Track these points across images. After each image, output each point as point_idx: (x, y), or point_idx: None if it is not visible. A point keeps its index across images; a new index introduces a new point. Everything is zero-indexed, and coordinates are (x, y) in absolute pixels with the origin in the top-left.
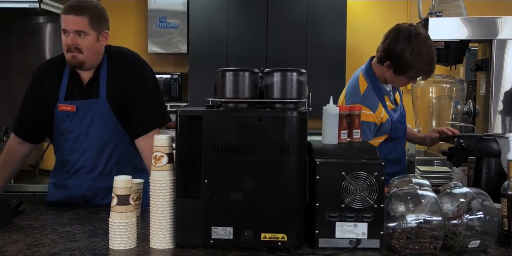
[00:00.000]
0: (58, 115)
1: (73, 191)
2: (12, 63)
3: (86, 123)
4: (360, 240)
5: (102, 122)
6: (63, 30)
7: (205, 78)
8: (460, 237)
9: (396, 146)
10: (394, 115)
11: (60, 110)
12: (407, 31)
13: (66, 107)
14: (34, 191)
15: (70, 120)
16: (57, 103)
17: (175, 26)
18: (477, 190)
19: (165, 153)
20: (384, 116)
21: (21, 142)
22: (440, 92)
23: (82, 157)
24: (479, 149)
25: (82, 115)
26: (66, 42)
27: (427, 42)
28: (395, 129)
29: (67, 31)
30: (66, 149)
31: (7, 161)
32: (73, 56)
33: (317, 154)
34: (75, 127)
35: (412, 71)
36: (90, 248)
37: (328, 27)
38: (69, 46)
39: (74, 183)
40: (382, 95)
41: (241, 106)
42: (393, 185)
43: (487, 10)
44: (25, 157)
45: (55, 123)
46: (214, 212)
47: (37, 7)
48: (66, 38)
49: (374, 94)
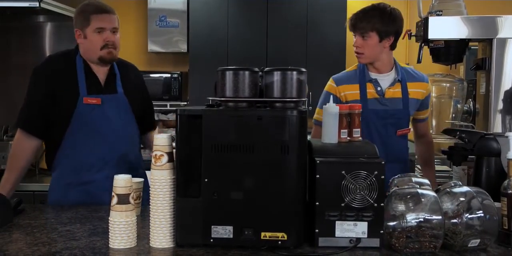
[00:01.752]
0: (83, 108)
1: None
2: (11, 62)
3: (111, 117)
4: (360, 239)
5: (125, 116)
6: (98, 29)
7: (205, 77)
8: (460, 236)
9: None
10: (371, 104)
11: (85, 103)
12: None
13: (92, 100)
14: (34, 190)
15: (96, 113)
16: (80, 96)
17: (175, 25)
18: (477, 189)
19: (165, 152)
20: (352, 95)
21: (28, 136)
22: (440, 91)
23: (109, 149)
24: (479, 148)
25: (107, 108)
26: (105, 39)
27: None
28: (365, 117)
29: (104, 29)
30: (90, 143)
31: (16, 156)
32: (110, 52)
33: (317, 153)
34: (100, 120)
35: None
36: (90, 247)
37: (328, 27)
38: (107, 43)
39: (103, 176)
40: (364, 80)
41: (241, 105)
42: (393, 184)
43: (487, 9)
44: (34, 152)
45: (75, 117)
46: (214, 211)
47: (37, 6)
48: (102, 36)
49: (355, 76)
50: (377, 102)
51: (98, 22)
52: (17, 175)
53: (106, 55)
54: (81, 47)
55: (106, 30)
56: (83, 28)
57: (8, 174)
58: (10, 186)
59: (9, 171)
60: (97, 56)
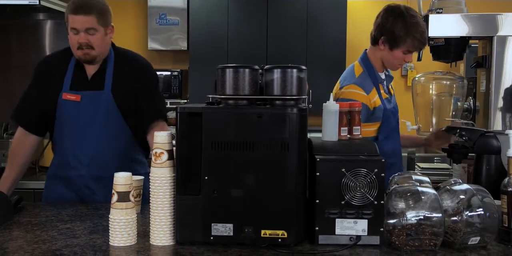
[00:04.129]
0: (62, 104)
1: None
2: (12, 60)
3: (89, 114)
4: (360, 236)
5: (106, 114)
6: (72, 29)
7: (205, 75)
8: (460, 233)
9: (387, 137)
10: (387, 105)
11: (64, 99)
12: (396, 6)
13: (71, 96)
14: (34, 188)
15: (75, 110)
16: (61, 92)
17: (175, 23)
18: (477, 187)
19: (165, 149)
20: (377, 101)
21: (27, 134)
22: (440, 89)
23: (84, 149)
24: (479, 146)
25: (87, 105)
26: (77, 40)
27: (417, 15)
28: (387, 118)
29: (77, 30)
30: (69, 140)
31: (15, 153)
32: (85, 53)
33: (317, 150)
34: (79, 117)
35: (407, 41)
36: (90, 245)
37: (328, 24)
38: (81, 44)
39: (78, 173)
40: (377, 82)
41: (241, 103)
42: (393, 181)
43: (487, 6)
44: (33, 149)
45: (58, 113)
46: (214, 209)
47: (37, 3)
48: (76, 37)
49: (369, 79)
50: (387, 101)
51: (71, 22)
52: (17, 172)
53: (82, 55)
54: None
55: (79, 31)
56: (67, 26)
57: (8, 171)
58: (10, 183)
59: (9, 168)
60: (75, 55)
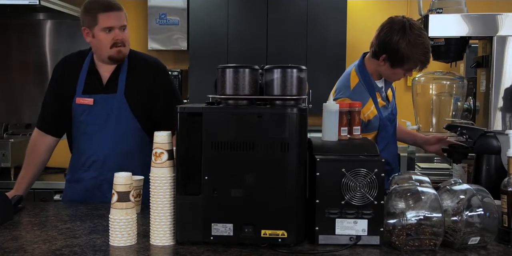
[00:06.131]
0: (76, 108)
1: (88, 186)
2: (11, 60)
3: (102, 117)
4: (360, 236)
5: (119, 117)
6: (104, 28)
7: (205, 75)
8: (460, 233)
9: (386, 146)
10: (383, 112)
11: (78, 103)
12: (400, 23)
13: (84, 100)
14: (35, 188)
15: (88, 114)
16: (75, 97)
17: (175, 23)
18: (477, 187)
19: (165, 149)
20: (372, 113)
21: (43, 134)
22: (440, 88)
23: (98, 151)
24: (479, 146)
25: (100, 109)
26: (113, 38)
27: (422, 32)
28: (384, 127)
29: (113, 28)
30: (83, 143)
31: (32, 153)
32: (120, 51)
33: (317, 150)
34: (92, 121)
35: (409, 62)
36: (90, 245)
37: (328, 25)
38: (116, 42)
39: (90, 176)
40: (373, 91)
41: (241, 103)
42: (393, 181)
43: (487, 6)
44: (49, 150)
45: (72, 117)
46: (214, 209)
47: (37, 3)
48: (110, 35)
49: (364, 90)
50: (384, 108)
51: (106, 21)
52: (33, 172)
53: (116, 53)
54: (91, 45)
55: (114, 28)
56: (91, 27)
57: (24, 171)
58: (26, 183)
59: (25, 168)
60: (107, 54)
